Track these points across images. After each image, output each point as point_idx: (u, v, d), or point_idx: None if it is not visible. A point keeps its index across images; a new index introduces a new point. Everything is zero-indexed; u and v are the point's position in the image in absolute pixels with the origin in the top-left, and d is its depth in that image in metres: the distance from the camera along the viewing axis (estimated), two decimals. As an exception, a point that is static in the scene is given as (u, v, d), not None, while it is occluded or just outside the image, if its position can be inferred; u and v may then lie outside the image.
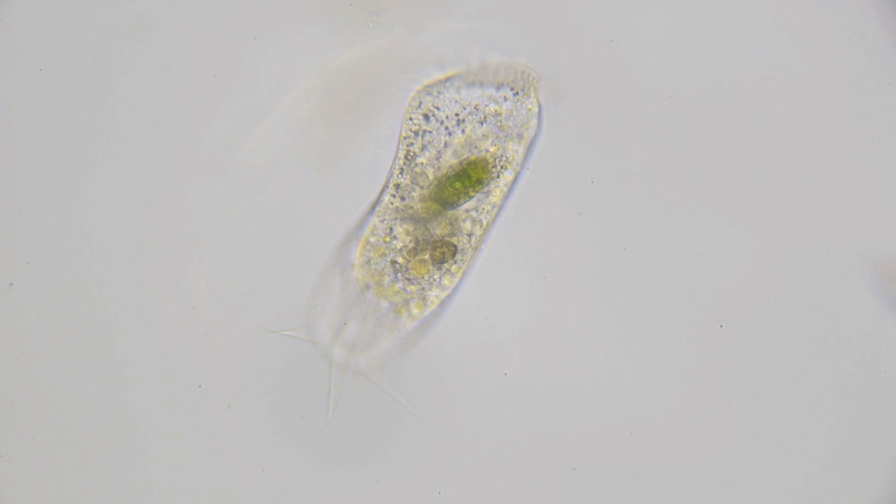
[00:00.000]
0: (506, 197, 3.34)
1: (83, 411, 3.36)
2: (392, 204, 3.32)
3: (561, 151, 3.37)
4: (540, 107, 3.32)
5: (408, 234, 3.28)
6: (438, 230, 3.25)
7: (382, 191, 3.34)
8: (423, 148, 3.28)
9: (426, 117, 3.29)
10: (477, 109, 3.31)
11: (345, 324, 3.36)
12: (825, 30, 3.39)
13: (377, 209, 3.33)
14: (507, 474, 3.34)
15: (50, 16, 3.40)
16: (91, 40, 3.39)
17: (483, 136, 3.32)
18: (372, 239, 3.33)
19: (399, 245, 3.33)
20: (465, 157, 3.25)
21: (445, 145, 3.28)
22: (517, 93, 3.31)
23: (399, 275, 3.34)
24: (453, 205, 3.24)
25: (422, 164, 3.24)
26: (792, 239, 3.36)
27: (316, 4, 3.38)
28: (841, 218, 3.36)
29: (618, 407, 3.34)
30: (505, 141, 3.30)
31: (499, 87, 3.32)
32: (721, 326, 3.34)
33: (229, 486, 3.34)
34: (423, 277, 3.33)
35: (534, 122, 3.33)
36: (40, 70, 3.39)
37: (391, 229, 3.33)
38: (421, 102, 3.30)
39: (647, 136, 3.37)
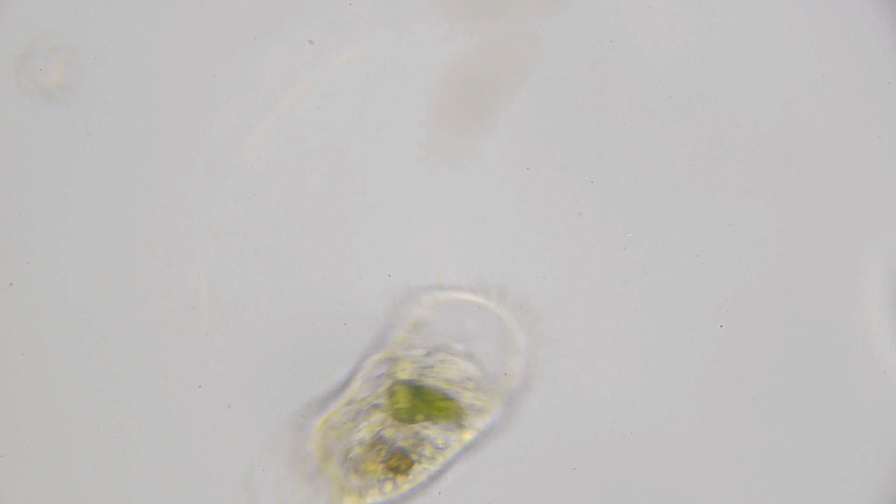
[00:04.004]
0: (477, 441, 3.28)
1: (83, 411, 3.36)
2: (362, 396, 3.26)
3: (561, 151, 3.37)
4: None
5: (371, 428, 3.21)
6: (403, 441, 3.21)
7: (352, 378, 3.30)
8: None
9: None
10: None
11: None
12: (825, 29, 3.39)
13: (346, 392, 3.28)
14: (507, 474, 3.34)
15: (49, 16, 3.40)
16: (90, 40, 3.39)
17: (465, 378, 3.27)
18: (335, 419, 3.27)
19: (359, 435, 3.26)
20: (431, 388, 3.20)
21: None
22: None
23: (348, 463, 3.27)
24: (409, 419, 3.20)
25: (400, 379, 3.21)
26: (792, 239, 3.36)
27: (316, 4, 3.38)
28: (841, 218, 3.36)
29: (618, 407, 3.33)
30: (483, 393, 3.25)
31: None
32: (721, 327, 3.34)
33: (229, 487, 3.34)
34: (370, 475, 3.26)
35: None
36: (40, 70, 3.39)
37: (358, 413, 3.26)
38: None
39: (648, 136, 3.37)
